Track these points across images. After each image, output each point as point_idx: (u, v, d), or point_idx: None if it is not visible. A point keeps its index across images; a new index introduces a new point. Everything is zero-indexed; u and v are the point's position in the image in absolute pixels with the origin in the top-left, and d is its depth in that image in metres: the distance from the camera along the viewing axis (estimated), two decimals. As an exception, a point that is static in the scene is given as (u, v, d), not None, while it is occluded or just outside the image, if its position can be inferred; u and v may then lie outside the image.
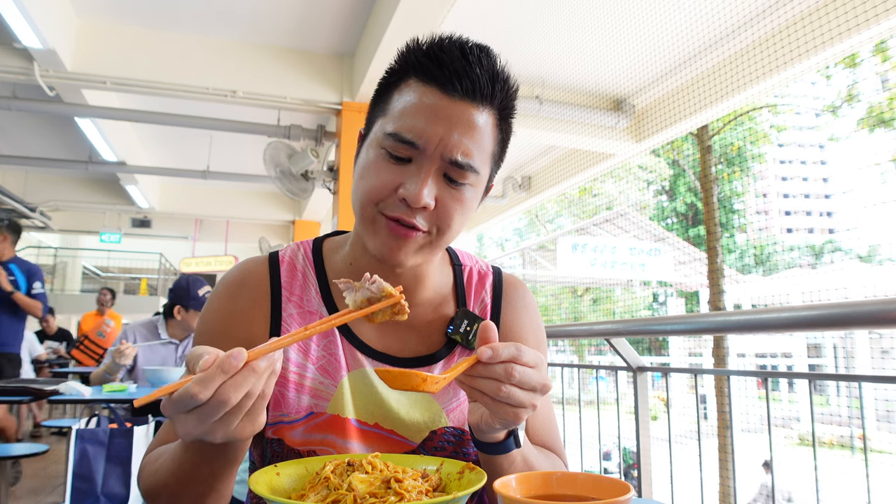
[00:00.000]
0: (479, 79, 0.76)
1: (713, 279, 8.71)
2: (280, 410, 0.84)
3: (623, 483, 0.59)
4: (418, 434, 0.86)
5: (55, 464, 5.39)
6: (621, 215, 13.88)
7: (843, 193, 41.36)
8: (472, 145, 0.77)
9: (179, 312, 3.31)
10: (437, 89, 0.76)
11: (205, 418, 0.56)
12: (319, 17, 5.27)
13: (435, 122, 0.75)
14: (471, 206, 0.81)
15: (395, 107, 0.79)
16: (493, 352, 0.65)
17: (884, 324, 1.50)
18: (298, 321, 0.87)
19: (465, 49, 0.77)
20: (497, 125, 0.81)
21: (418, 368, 0.87)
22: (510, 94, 0.81)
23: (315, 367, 0.85)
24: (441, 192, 0.78)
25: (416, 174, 0.77)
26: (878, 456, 9.51)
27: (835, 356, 14.48)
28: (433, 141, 0.75)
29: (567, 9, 4.95)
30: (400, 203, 0.77)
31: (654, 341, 16.30)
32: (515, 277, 1.02)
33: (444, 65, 0.76)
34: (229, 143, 7.90)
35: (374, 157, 0.79)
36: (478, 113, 0.77)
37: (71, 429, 2.36)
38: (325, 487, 0.61)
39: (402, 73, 0.81)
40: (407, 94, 0.78)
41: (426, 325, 0.91)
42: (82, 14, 5.23)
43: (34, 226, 11.76)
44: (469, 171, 0.78)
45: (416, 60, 0.79)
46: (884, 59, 9.58)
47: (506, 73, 0.80)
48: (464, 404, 0.89)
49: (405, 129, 0.76)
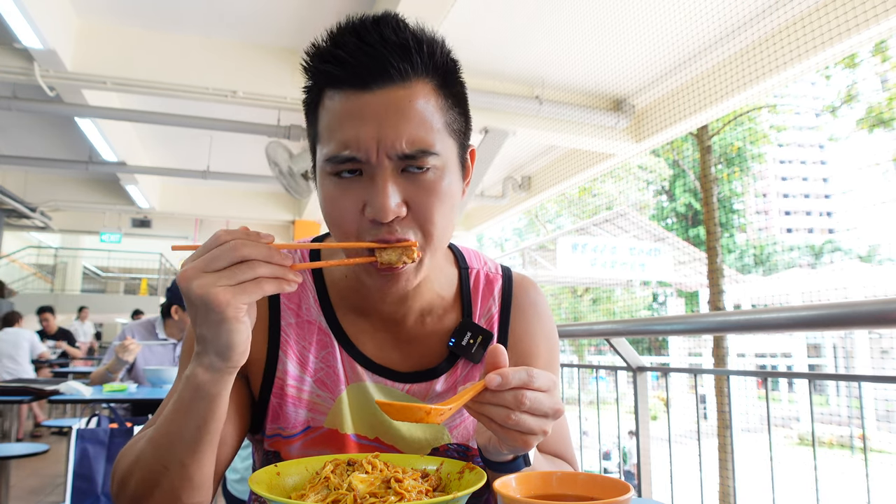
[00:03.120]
0: (389, 58, 0.67)
1: (713, 279, 8.70)
2: (278, 423, 0.82)
3: (623, 483, 0.59)
4: (420, 451, 0.83)
5: (55, 463, 5.39)
6: (621, 215, 13.87)
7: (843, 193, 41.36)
8: (414, 128, 0.68)
9: (177, 312, 3.31)
10: (351, 90, 0.68)
11: (215, 262, 0.60)
12: (319, 18, 5.27)
13: (363, 125, 0.67)
14: (448, 192, 0.72)
15: (322, 127, 0.72)
16: (503, 379, 0.61)
17: (883, 324, 1.49)
18: (296, 331, 0.83)
19: (360, 33, 0.68)
20: (436, 91, 0.71)
21: (419, 383, 0.84)
22: (435, 53, 0.71)
23: (313, 379, 0.82)
24: (407, 191, 0.69)
25: (371, 186, 0.69)
26: (878, 456, 9.52)
27: (834, 356, 14.48)
28: (370, 145, 0.67)
29: (567, 9, 4.95)
30: (372, 224, 0.69)
31: (654, 341, 16.30)
32: (528, 280, 0.94)
33: (344, 62, 0.67)
34: (229, 144, 7.90)
35: (327, 187, 0.72)
36: (404, 92, 0.68)
37: (71, 428, 2.35)
38: (326, 487, 0.61)
39: (315, 87, 0.73)
40: (326, 109, 0.71)
41: (428, 335, 0.86)
42: (82, 14, 5.24)
43: (34, 226, 11.78)
44: (425, 156, 0.69)
45: (318, 70, 0.71)
46: (883, 60, 9.58)
47: (419, 37, 0.70)
48: (468, 421, 0.85)
49: (338, 146, 0.68)
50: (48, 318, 8.04)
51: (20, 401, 3.12)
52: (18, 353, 6.14)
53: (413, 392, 0.84)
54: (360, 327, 0.85)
